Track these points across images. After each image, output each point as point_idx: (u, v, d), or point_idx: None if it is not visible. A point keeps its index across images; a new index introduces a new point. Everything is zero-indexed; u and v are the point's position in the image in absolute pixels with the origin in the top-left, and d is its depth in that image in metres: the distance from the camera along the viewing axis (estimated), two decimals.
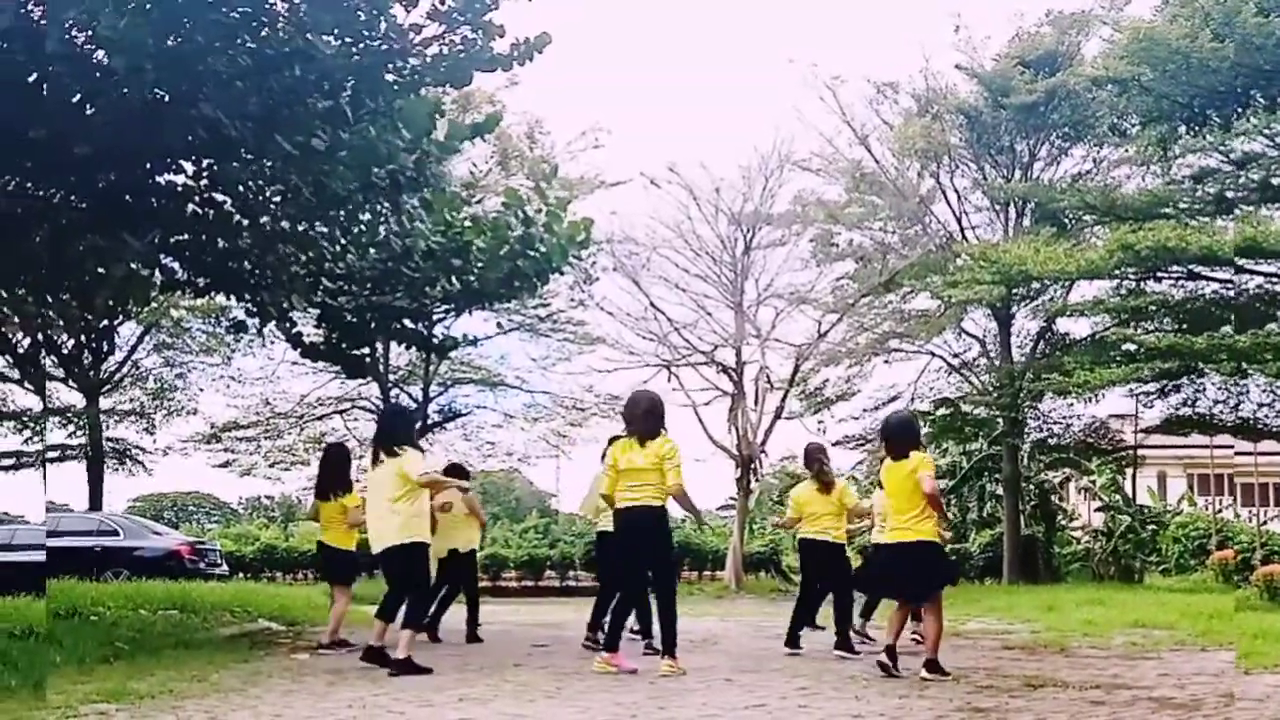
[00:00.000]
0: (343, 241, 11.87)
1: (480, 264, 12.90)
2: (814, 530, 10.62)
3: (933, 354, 30.67)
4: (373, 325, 14.10)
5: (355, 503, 10.37)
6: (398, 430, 9.05)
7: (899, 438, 8.63)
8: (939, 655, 8.32)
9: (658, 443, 8.56)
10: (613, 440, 9.33)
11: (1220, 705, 6.94)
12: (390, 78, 9.48)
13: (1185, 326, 24.46)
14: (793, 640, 10.64)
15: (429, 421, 30.61)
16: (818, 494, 10.63)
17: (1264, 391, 25.12)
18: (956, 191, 29.49)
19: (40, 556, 17.98)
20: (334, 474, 10.81)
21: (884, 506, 8.99)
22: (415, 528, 8.68)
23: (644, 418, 8.67)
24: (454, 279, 13.10)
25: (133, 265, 10.56)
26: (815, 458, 10.89)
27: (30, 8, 8.62)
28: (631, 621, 10.16)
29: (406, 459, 8.64)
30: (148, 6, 8.18)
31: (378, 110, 9.74)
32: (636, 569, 8.95)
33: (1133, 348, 24.43)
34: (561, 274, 16.37)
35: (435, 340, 16.27)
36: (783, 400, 30.55)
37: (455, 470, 11.70)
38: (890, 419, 9.58)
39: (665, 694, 7.49)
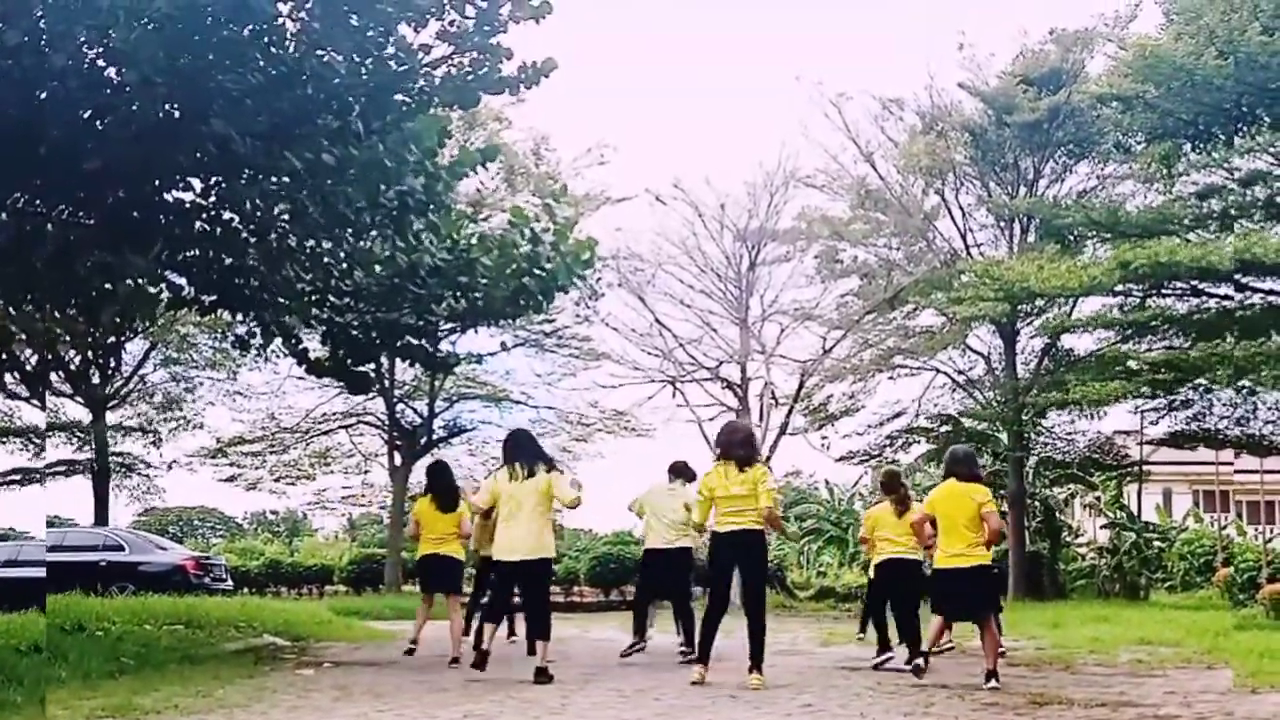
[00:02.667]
0: (349, 258, 11.90)
1: (486, 281, 12.92)
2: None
3: (937, 370, 30.65)
4: (378, 342, 14.11)
5: (466, 515, 10.93)
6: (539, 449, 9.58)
7: (968, 465, 9.35)
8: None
9: (756, 469, 9.07)
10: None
11: None
12: (399, 98, 9.52)
13: (1190, 342, 24.50)
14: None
15: (434, 437, 30.62)
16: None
17: (1270, 409, 25.13)
18: (961, 208, 29.54)
19: (41, 572, 17.98)
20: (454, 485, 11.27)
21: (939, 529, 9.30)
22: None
23: (742, 444, 9.22)
24: (460, 296, 13.12)
25: (139, 281, 10.59)
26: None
27: (41, 23, 8.66)
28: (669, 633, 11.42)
29: (556, 478, 9.22)
30: (159, 22, 8.23)
31: (386, 129, 9.79)
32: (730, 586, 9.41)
33: (1134, 363, 24.45)
34: (567, 292, 16.39)
35: (440, 357, 16.27)
36: (787, 416, 30.54)
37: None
38: (957, 450, 10.01)
39: (671, 711, 7.50)
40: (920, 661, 9.30)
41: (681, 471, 11.62)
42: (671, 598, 11.62)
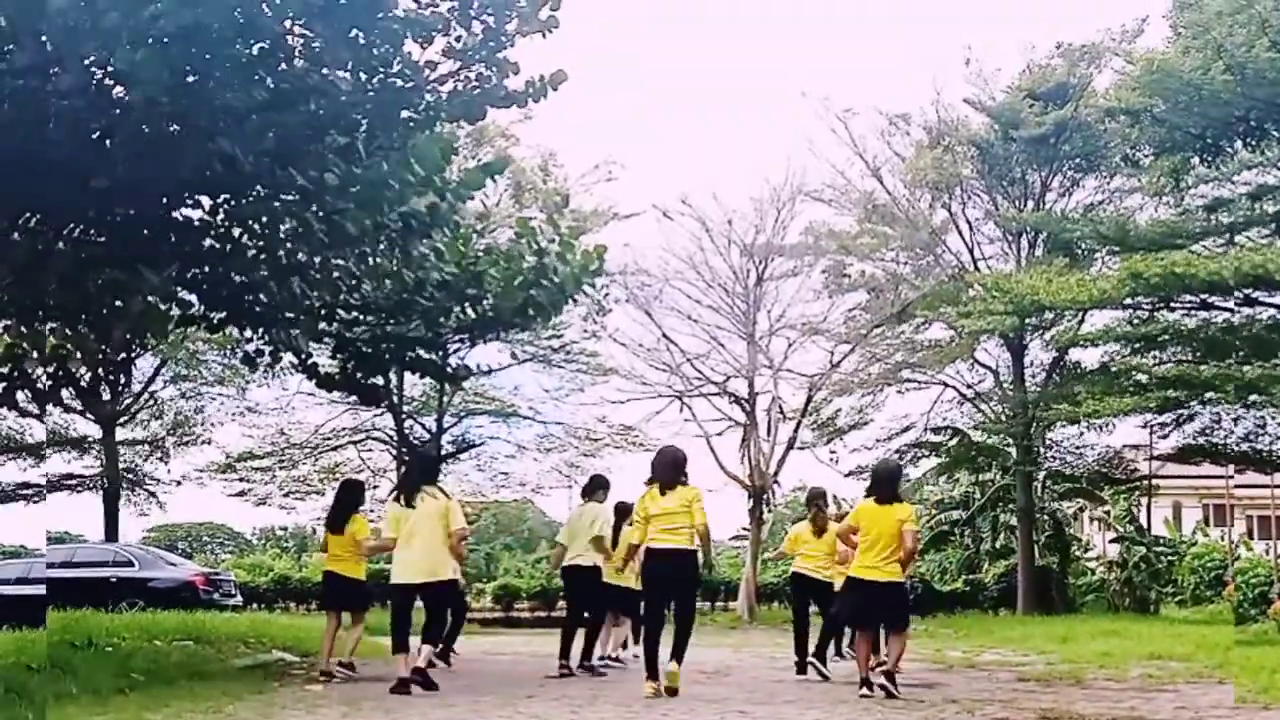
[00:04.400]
0: (357, 274, 11.93)
1: (494, 293, 12.95)
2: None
3: (945, 384, 30.66)
4: (387, 355, 14.15)
5: (365, 534, 11.06)
6: (436, 474, 10.10)
7: (890, 484, 9.64)
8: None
9: (684, 489, 9.41)
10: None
11: None
12: (405, 114, 9.55)
13: (1199, 355, 24.46)
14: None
15: (443, 452, 30.63)
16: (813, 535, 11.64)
17: (1279, 424, 25.08)
18: (968, 222, 29.58)
19: (41, 589, 18.02)
20: (350, 507, 11.33)
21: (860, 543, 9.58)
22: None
23: (670, 467, 9.49)
24: (468, 308, 13.16)
25: (150, 299, 10.62)
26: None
27: (48, 44, 8.72)
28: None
29: (454, 504, 9.72)
30: (164, 41, 8.27)
31: (392, 146, 9.81)
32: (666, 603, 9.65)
33: (1143, 377, 24.41)
34: (575, 303, 16.41)
35: (449, 370, 16.28)
36: (795, 430, 30.54)
37: None
38: (880, 467, 10.67)
39: None
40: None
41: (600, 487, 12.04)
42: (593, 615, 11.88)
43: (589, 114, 58.91)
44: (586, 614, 11.78)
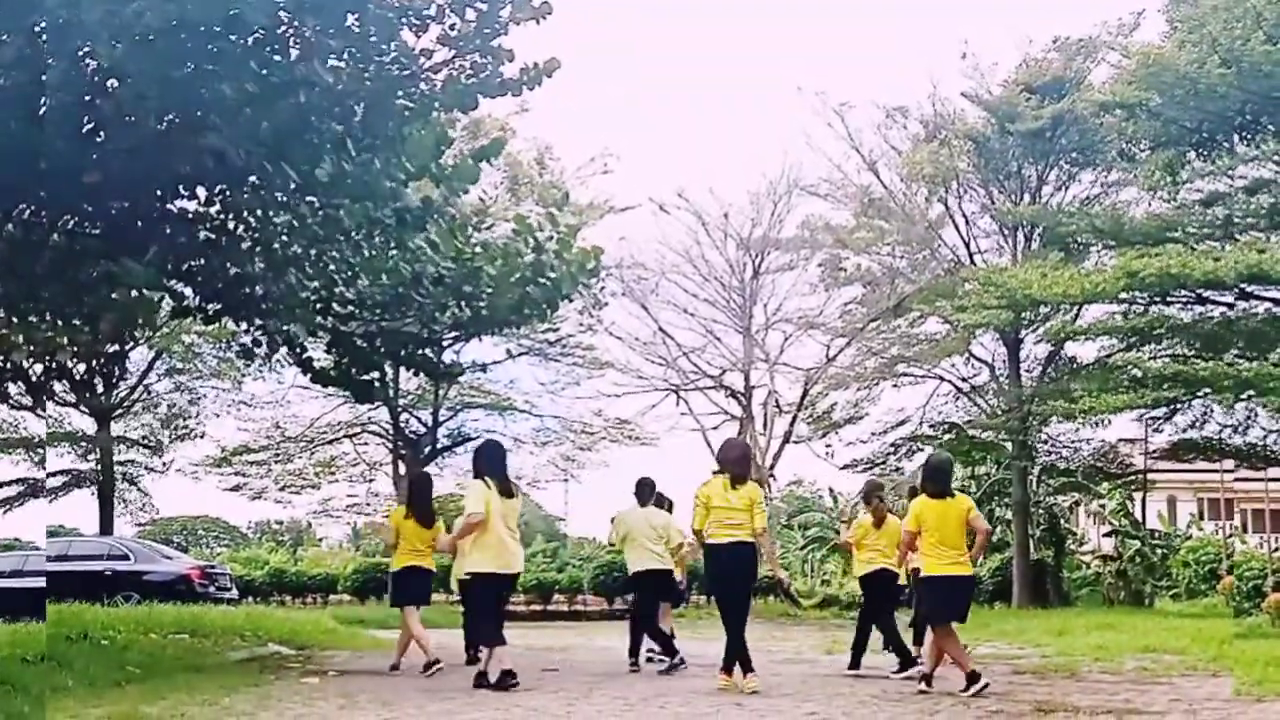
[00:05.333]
0: (353, 268, 11.91)
1: (490, 290, 12.90)
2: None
3: (941, 378, 30.69)
4: (382, 350, 14.12)
5: (441, 530, 10.91)
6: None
7: (947, 477, 9.54)
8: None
9: (751, 488, 9.32)
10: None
11: None
12: (401, 103, 9.53)
13: (1195, 350, 24.49)
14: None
15: (438, 446, 30.63)
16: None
17: (1272, 418, 25.11)
18: (965, 216, 29.60)
19: (41, 582, 18.00)
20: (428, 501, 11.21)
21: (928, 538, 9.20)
22: None
23: (738, 461, 9.46)
24: (464, 305, 13.12)
25: (144, 291, 10.59)
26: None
27: (38, 38, 8.69)
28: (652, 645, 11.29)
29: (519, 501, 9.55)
30: (150, 36, 8.24)
31: (386, 136, 9.78)
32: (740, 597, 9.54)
33: (1138, 373, 24.45)
34: (571, 301, 16.43)
35: (444, 366, 16.27)
36: (791, 424, 30.60)
37: None
38: (935, 460, 9.98)
39: (677, 718, 7.49)
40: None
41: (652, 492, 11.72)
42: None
43: (585, 107, 58.91)
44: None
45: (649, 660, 11.48)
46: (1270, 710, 7.81)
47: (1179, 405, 26.11)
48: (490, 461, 9.41)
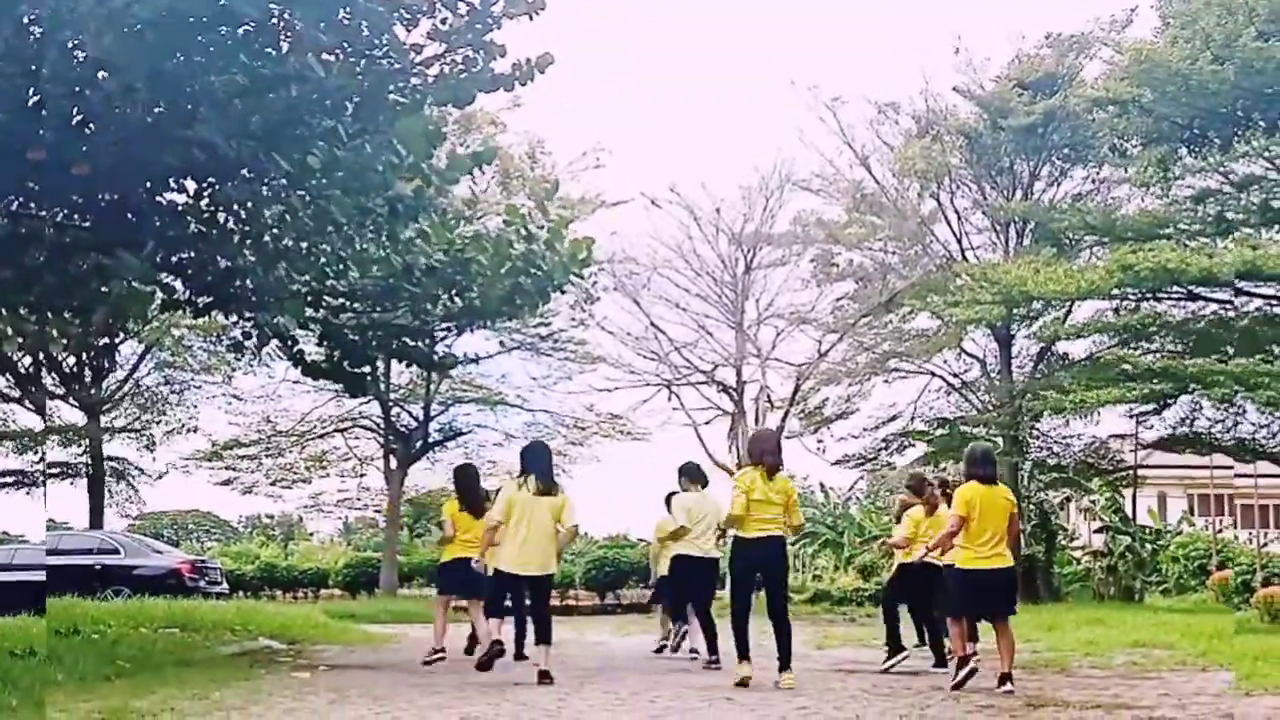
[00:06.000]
0: (344, 260, 11.88)
1: (482, 281, 12.89)
2: None
3: (933, 374, 30.68)
4: (374, 343, 14.11)
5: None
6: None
7: (994, 463, 9.36)
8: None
9: (784, 481, 9.35)
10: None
11: None
12: (392, 97, 9.50)
13: (1190, 346, 24.54)
14: None
15: (429, 440, 30.60)
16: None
17: (1261, 412, 25.16)
18: (957, 212, 29.55)
19: (40, 576, 17.94)
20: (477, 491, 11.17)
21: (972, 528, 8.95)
22: None
23: (773, 452, 9.45)
24: (455, 296, 13.11)
25: (134, 284, 10.57)
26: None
27: (27, 29, 8.65)
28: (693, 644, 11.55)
29: (568, 501, 9.43)
30: (139, 28, 8.20)
31: (378, 130, 9.76)
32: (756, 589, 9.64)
33: (1129, 368, 24.51)
34: (563, 292, 16.40)
35: (436, 358, 16.24)
36: (783, 419, 30.56)
37: None
38: (979, 447, 9.70)
39: (666, 713, 7.49)
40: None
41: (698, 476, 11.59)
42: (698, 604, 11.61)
43: (576, 101, 58.69)
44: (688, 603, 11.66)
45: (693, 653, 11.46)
46: (1260, 704, 7.84)
47: (1169, 401, 26.15)
48: (529, 461, 9.49)
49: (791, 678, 9.01)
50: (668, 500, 11.78)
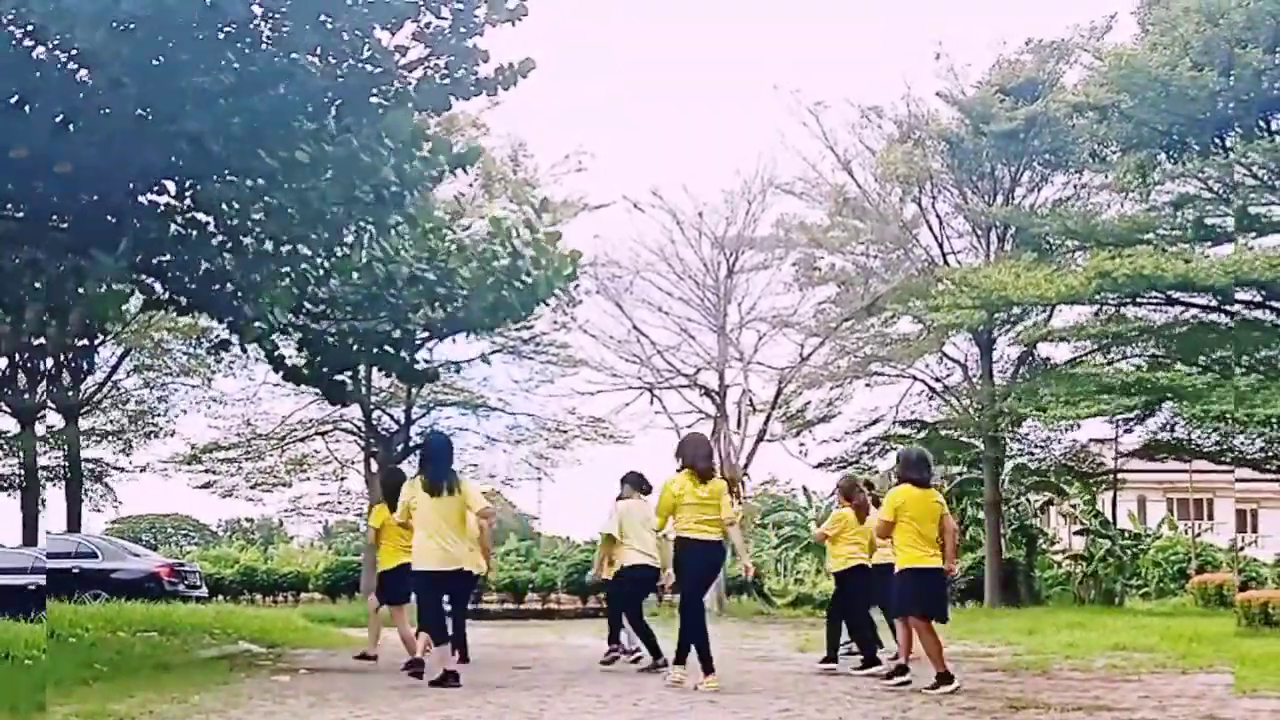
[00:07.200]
0: (326, 265, 11.80)
1: (465, 292, 12.81)
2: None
3: (914, 378, 30.79)
4: (355, 350, 14.02)
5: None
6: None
7: (929, 466, 9.43)
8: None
9: (717, 481, 9.39)
10: None
11: None
12: (375, 100, 9.47)
13: (1169, 352, 24.71)
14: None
15: (411, 444, 30.49)
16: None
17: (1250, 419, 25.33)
18: (938, 216, 29.67)
19: (22, 580, 17.74)
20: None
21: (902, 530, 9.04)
22: None
23: (706, 457, 9.49)
24: (438, 306, 13.04)
25: (114, 286, 10.50)
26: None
27: (10, 26, 8.59)
28: (630, 643, 11.39)
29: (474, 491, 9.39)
30: (130, 25, 8.17)
31: (361, 130, 9.71)
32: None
33: (1104, 380, 24.70)
34: (547, 305, 16.36)
35: (418, 368, 16.13)
36: (765, 423, 30.61)
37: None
38: (913, 450, 9.84)
39: (649, 716, 7.48)
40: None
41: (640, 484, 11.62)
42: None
43: (559, 103, 58.76)
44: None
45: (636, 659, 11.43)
46: (1239, 706, 7.87)
47: (1148, 410, 26.33)
48: (423, 458, 9.50)
49: (715, 681, 8.95)
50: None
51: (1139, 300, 24.62)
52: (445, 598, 9.46)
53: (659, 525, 9.48)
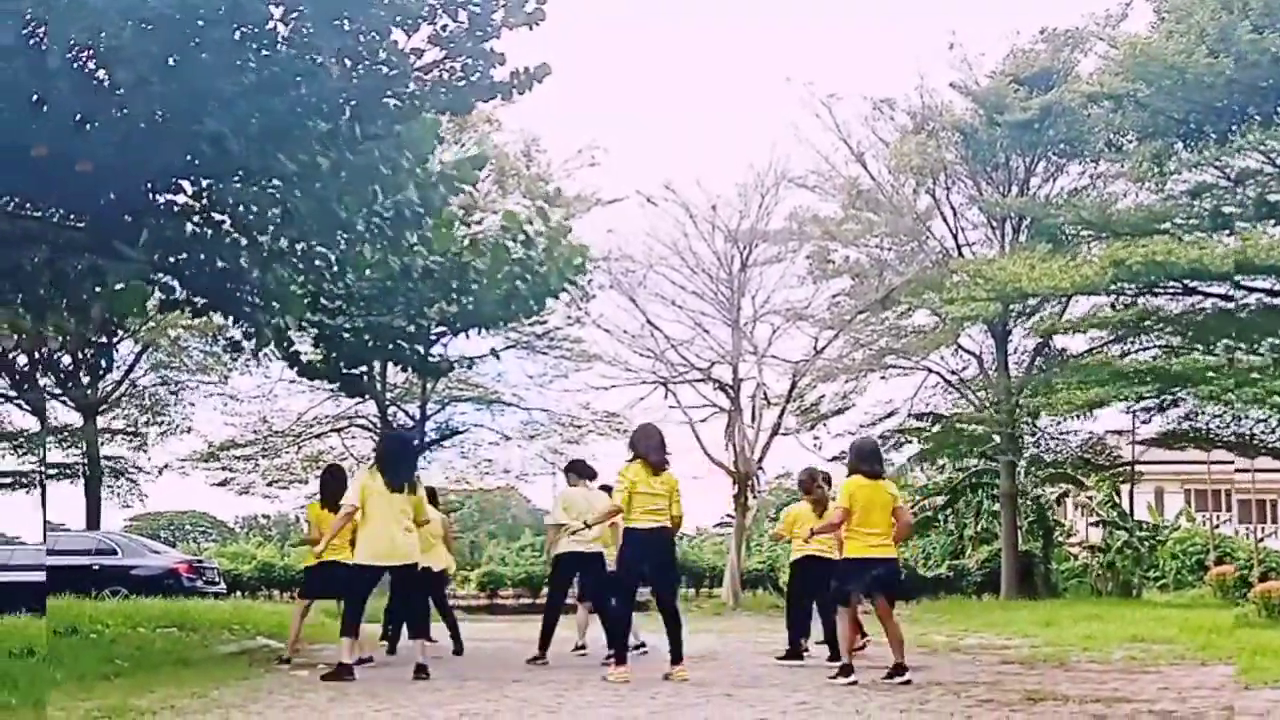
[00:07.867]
0: (340, 262, 11.85)
1: (478, 286, 12.89)
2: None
3: (929, 370, 30.70)
4: (370, 345, 14.08)
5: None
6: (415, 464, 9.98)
7: (880, 458, 9.85)
8: None
9: (669, 476, 9.56)
10: None
11: (1221, 719, 6.96)
12: (390, 102, 9.49)
13: (1186, 340, 24.59)
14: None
15: (425, 439, 30.58)
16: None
17: (1260, 408, 25.20)
18: (953, 208, 29.58)
19: (40, 576, 17.90)
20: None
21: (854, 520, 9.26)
22: None
23: (659, 448, 9.58)
24: (452, 300, 13.10)
25: (133, 282, 10.55)
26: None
27: (32, 25, 8.62)
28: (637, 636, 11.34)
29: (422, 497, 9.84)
30: (153, 23, 8.20)
31: (378, 135, 9.74)
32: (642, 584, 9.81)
33: (1118, 368, 24.60)
34: (559, 297, 16.40)
35: (432, 361, 16.20)
36: (779, 416, 30.60)
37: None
38: (864, 442, 10.21)
39: (667, 708, 7.49)
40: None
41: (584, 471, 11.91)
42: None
43: (572, 98, 58.79)
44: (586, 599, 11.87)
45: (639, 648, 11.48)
46: (1259, 697, 7.85)
47: (1165, 399, 26.22)
48: (385, 456, 9.70)
49: (684, 671, 9.18)
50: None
51: (1155, 290, 24.49)
52: (430, 599, 10.09)
53: (620, 507, 9.45)
